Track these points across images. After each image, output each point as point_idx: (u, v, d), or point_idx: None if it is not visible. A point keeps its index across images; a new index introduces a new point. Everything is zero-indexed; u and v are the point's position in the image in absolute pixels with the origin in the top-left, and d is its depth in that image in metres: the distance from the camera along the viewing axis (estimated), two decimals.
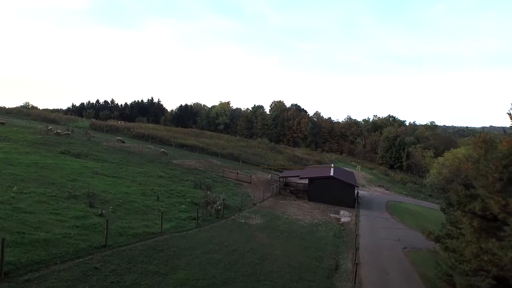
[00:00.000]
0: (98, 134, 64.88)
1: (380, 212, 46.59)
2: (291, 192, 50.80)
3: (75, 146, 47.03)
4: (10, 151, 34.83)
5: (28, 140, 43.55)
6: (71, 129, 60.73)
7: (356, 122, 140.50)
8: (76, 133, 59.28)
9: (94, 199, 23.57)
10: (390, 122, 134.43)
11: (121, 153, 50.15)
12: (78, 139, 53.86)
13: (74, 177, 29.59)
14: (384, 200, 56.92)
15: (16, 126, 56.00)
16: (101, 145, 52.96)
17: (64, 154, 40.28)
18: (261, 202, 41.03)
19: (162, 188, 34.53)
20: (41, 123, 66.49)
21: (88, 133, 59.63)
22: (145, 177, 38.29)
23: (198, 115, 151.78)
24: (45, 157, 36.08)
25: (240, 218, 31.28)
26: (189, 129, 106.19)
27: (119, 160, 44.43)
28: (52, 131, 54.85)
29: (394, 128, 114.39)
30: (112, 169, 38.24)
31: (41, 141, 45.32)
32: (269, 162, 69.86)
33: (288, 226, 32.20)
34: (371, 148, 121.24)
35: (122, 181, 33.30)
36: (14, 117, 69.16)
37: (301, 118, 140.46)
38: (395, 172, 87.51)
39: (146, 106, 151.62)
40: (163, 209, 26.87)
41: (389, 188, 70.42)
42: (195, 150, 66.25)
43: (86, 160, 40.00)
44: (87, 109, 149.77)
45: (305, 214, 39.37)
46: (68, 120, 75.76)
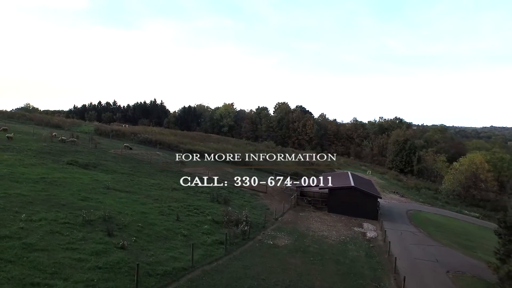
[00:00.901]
0: (103, 140, 61.94)
1: (404, 224, 43.93)
2: (309, 202, 48.05)
3: (82, 155, 44.18)
4: (14, 164, 31.97)
5: (33, 149, 40.68)
6: (75, 135, 57.81)
7: (362, 124, 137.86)
8: (81, 140, 56.40)
9: (111, 224, 20.81)
10: (397, 124, 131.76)
11: (130, 161, 47.32)
12: (84, 146, 50.98)
13: (85, 195, 26.78)
14: (403, 209, 54.29)
15: (19, 132, 53.06)
16: (108, 153, 50.09)
17: (71, 165, 37.45)
18: (282, 216, 38.26)
19: (179, 203, 31.75)
20: (44, 128, 63.61)
21: (93, 140, 56.76)
22: (159, 190, 35.52)
23: (202, 117, 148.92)
24: (52, 169, 33.24)
25: (267, 238, 28.56)
26: (194, 133, 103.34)
27: (129, 170, 41.61)
28: (56, 138, 51.98)
29: (403, 131, 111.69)
30: (124, 182, 35.42)
31: (46, 149, 42.45)
32: (281, 167, 67.10)
33: (318, 246, 29.46)
34: (379, 151, 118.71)
35: (136, 196, 30.49)
36: (16, 122, 66.18)
37: (306, 120, 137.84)
38: (407, 177, 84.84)
39: (149, 108, 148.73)
40: (186, 231, 24.15)
41: (404, 195, 67.72)
42: (203, 155, 63.46)
43: (95, 172, 37.18)
44: (89, 111, 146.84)
45: (329, 229, 36.67)
46: (72, 124, 72.82)
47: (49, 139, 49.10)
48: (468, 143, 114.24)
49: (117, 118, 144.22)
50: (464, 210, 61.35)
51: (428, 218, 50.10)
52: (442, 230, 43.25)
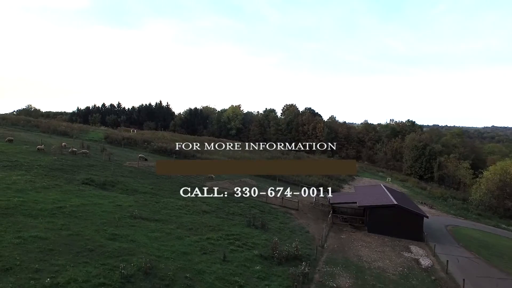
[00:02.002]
0: (115, 150, 57.05)
1: (453, 245, 39.51)
2: (344, 220, 43.47)
3: (96, 170, 39.43)
4: (25, 188, 27.22)
5: (43, 166, 35.88)
6: (86, 144, 52.98)
7: (373, 127, 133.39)
8: (92, 150, 51.60)
9: (154, 279, 16.21)
10: (409, 127, 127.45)
11: (148, 176, 42.58)
12: (96, 159, 46.18)
13: (113, 230, 22.12)
14: (440, 224, 49.93)
15: (26, 142, 48.24)
16: (123, 166, 45.31)
17: (87, 185, 32.74)
18: (326, 241, 33.69)
19: (217, 233, 27.13)
20: (51, 136, 58.77)
21: (105, 150, 52.05)
22: (189, 214, 30.86)
23: (209, 119, 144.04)
24: (67, 193, 28.54)
25: (326, 277, 24.08)
26: (205, 137, 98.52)
27: (151, 189, 36.90)
28: (66, 149, 47.20)
29: (418, 135, 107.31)
30: (149, 205, 30.75)
31: (57, 165, 37.66)
32: (303, 177, 62.52)
33: (383, 285, 24.90)
34: (392, 155, 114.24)
35: (169, 228, 25.81)
36: (21, 129, 61.22)
37: (316, 123, 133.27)
38: (430, 185, 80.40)
39: (154, 110, 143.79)
40: (240, 278, 19.59)
41: (433, 206, 63.24)
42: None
43: (115, 193, 32.49)
44: (93, 113, 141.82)
45: (381, 257, 32.18)
46: (80, 131, 67.81)
47: (58, 151, 44.25)
48: (486, 147, 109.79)
49: (122, 121, 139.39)
50: (501, 224, 56.95)
51: (472, 236, 45.69)
52: (496, 253, 38.81)
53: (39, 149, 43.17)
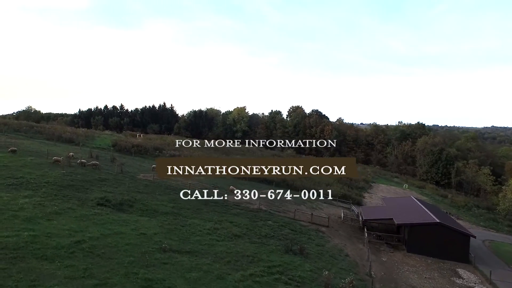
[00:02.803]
0: (125, 159, 52.89)
1: (504, 269, 35.79)
2: (378, 237, 39.62)
3: (110, 186, 35.41)
4: (35, 216, 23.21)
5: (51, 182, 31.80)
6: (94, 154, 48.83)
7: (382, 129, 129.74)
8: (101, 160, 47.55)
9: None
10: (419, 129, 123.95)
11: (166, 191, 38.59)
12: (107, 171, 42.09)
13: (144, 274, 18.24)
14: (477, 239, 46.09)
15: (30, 153, 44.09)
16: (137, 179, 41.24)
17: (103, 206, 28.74)
18: (370, 268, 29.84)
19: (257, 266, 23.27)
20: (56, 144, 54.61)
21: (115, 160, 48.04)
22: (220, 240, 26.97)
23: (214, 121, 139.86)
24: (83, 219, 24.57)
25: None
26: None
27: (172, 208, 32.93)
28: (75, 159, 43.14)
29: (430, 139, 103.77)
30: (175, 230, 26.85)
31: (67, 180, 33.59)
32: (323, 187, 58.70)
33: None
34: (404, 159, 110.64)
35: (205, 262, 21.90)
36: (24, 136, 56.90)
37: (324, 125, 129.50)
38: (450, 192, 76.76)
39: (158, 112, 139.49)
40: None
41: (460, 217, 59.57)
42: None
43: (135, 216, 28.53)
44: (95, 115, 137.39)
45: (433, 286, 28.43)
46: (85, 137, 63.49)
47: (66, 162, 40.11)
48: (500, 151, 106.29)
49: (125, 124, 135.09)
50: None
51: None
52: None
53: (55, 161, 39.45)
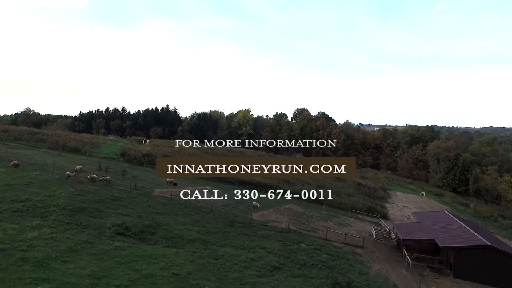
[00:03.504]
0: (136, 170, 48.80)
1: None
2: (417, 259, 35.87)
3: (126, 207, 31.49)
4: (47, 256, 19.28)
5: (61, 206, 27.79)
6: (103, 166, 44.71)
7: (391, 133, 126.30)
8: (111, 172, 43.57)
9: None
10: (428, 132, 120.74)
11: (186, 210, 34.67)
12: (120, 186, 38.05)
13: None
14: None
15: (34, 166, 39.94)
16: (153, 197, 37.22)
17: (123, 236, 24.81)
18: None
19: None
20: (61, 154, 50.41)
21: (126, 173, 44.13)
22: (261, 276, 23.19)
23: (218, 124, 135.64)
24: (103, 257, 20.70)
25: None
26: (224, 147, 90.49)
27: (197, 233, 29.07)
28: (83, 173, 39.12)
29: (443, 143, 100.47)
30: (208, 266, 23.02)
31: (78, 202, 29.60)
32: (345, 199, 54.97)
33: None
34: (414, 163, 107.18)
35: None
36: (26, 145, 52.59)
37: (331, 128, 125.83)
38: (470, 200, 73.32)
39: (161, 115, 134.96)
40: None
41: (488, 230, 55.96)
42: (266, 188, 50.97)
43: (160, 246, 24.64)
44: (96, 118, 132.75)
45: None
46: (91, 145, 59.17)
47: (75, 178, 35.99)
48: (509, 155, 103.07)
49: (127, 126, 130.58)
50: None
51: None
52: None
53: (68, 177, 35.61)
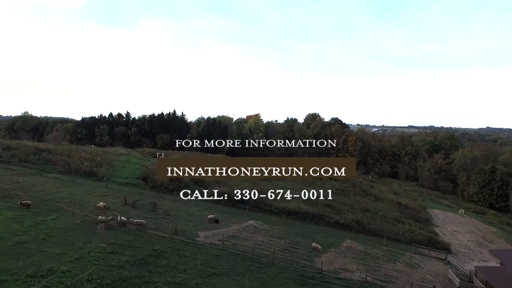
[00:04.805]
0: (166, 201, 40.91)
1: None
2: None
3: (173, 267, 24.03)
4: None
5: (96, 280, 20.25)
6: (130, 200, 36.82)
7: (409, 140, 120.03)
8: (139, 207, 35.96)
9: None
10: (449, 140, 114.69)
11: (247, 267, 27.18)
12: (157, 232, 30.33)
13: None
14: None
15: (48, 204, 32.11)
16: (201, 246, 29.62)
17: None
18: None
19: None
20: (75, 181, 42.51)
21: (157, 207, 36.51)
22: None
23: (228, 130, 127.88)
24: None
25: None
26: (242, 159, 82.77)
27: None
28: (108, 210, 31.49)
29: (470, 152, 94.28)
30: None
31: (116, 269, 22.04)
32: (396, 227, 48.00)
33: None
34: (436, 172, 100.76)
35: None
36: (34, 169, 44.30)
37: (347, 136, 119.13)
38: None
39: (168, 121, 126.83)
40: None
41: None
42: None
43: None
44: (99, 124, 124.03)
45: None
46: (107, 165, 50.87)
47: (107, 223, 28.26)
48: None
49: (132, 133, 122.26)
50: None
51: None
52: None
53: (99, 221, 27.80)
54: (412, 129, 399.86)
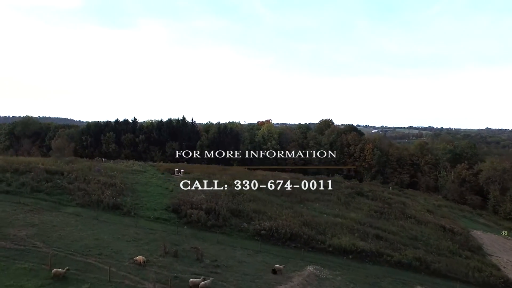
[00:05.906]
0: (208, 244, 33.89)
1: None
2: None
3: None
4: None
5: None
6: (171, 249, 30.26)
7: (428, 148, 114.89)
8: (183, 258, 29.79)
9: None
10: (470, 148, 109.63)
11: None
12: None
13: None
14: None
15: (78, 262, 25.79)
16: None
17: None
18: None
19: None
20: (99, 218, 36.14)
21: (201, 254, 30.39)
22: None
23: (240, 138, 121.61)
24: None
25: None
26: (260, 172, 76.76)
27: None
28: (155, 272, 25.34)
29: (499, 164, 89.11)
30: None
31: None
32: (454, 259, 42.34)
33: None
34: (460, 184, 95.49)
35: None
36: (49, 202, 37.69)
37: (364, 144, 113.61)
38: None
39: (177, 128, 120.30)
40: None
41: None
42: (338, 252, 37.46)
43: None
44: (106, 131, 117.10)
45: None
46: (132, 193, 44.13)
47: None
48: None
49: (140, 141, 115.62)
50: None
51: None
52: None
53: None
54: (412, 130, 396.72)
